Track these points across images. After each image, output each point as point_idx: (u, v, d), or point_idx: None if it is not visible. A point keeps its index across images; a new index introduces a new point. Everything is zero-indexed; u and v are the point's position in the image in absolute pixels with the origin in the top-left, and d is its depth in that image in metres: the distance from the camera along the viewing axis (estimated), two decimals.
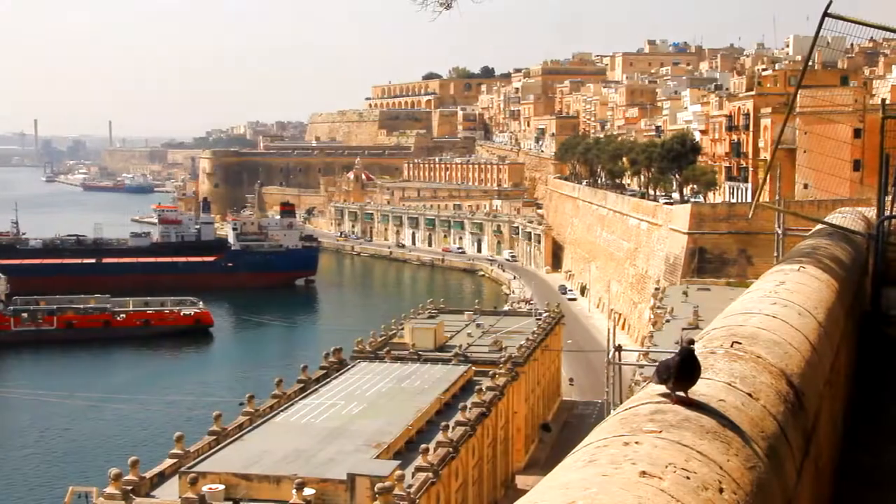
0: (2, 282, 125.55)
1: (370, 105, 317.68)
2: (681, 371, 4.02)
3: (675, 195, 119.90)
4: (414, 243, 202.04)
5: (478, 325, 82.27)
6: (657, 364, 4.18)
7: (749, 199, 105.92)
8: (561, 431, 78.65)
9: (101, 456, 73.67)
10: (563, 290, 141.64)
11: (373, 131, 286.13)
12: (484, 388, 60.68)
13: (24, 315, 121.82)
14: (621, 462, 3.39)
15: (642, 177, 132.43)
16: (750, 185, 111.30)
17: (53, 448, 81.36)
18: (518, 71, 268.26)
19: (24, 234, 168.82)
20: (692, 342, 4.13)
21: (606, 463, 3.39)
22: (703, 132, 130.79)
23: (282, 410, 53.51)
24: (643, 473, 3.28)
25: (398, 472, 41.86)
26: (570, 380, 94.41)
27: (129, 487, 41.03)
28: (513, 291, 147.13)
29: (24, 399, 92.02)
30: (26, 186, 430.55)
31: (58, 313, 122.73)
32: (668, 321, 75.85)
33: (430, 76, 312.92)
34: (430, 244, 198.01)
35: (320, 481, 41.88)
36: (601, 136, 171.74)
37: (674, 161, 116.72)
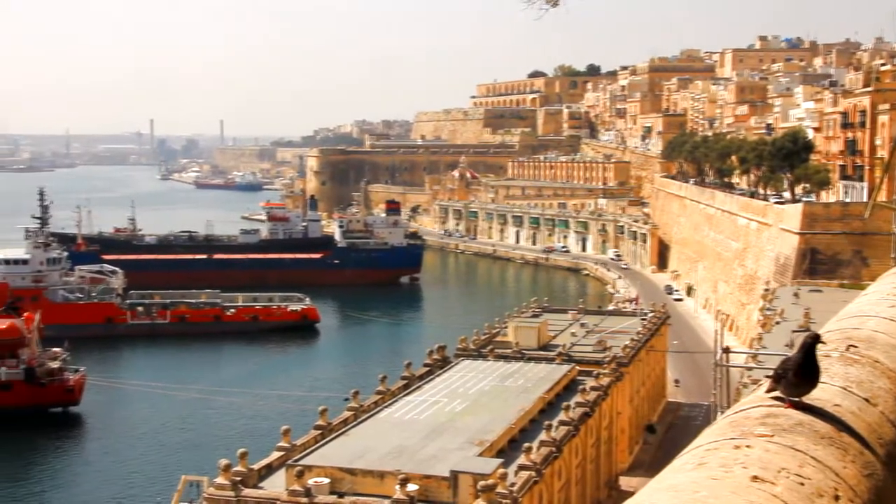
0: (119, 276, 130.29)
1: (475, 103, 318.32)
2: (802, 371, 3.89)
3: (786, 194, 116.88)
4: (518, 242, 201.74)
5: (582, 325, 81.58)
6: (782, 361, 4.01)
7: (864, 199, 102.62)
8: (666, 433, 77.61)
9: (212, 447, 75.65)
10: (669, 290, 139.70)
11: (478, 130, 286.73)
12: (588, 388, 60.22)
13: (140, 309, 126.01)
14: (732, 466, 3.33)
15: (752, 175, 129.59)
16: (866, 184, 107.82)
17: (168, 438, 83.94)
18: (624, 68, 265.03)
19: (140, 230, 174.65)
20: (817, 338, 3.97)
21: (717, 466, 3.35)
22: (817, 130, 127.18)
23: (386, 406, 54.00)
24: (755, 478, 3.23)
25: (501, 471, 41.88)
26: (676, 381, 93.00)
27: (238, 478, 42.09)
28: (618, 291, 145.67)
29: (140, 390, 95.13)
30: (142, 184, 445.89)
31: (171, 307, 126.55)
32: (777, 323, 74.00)
33: (535, 74, 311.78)
34: (534, 243, 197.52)
35: (423, 477, 42.15)
36: (709, 133, 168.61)
37: (785, 159, 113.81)
